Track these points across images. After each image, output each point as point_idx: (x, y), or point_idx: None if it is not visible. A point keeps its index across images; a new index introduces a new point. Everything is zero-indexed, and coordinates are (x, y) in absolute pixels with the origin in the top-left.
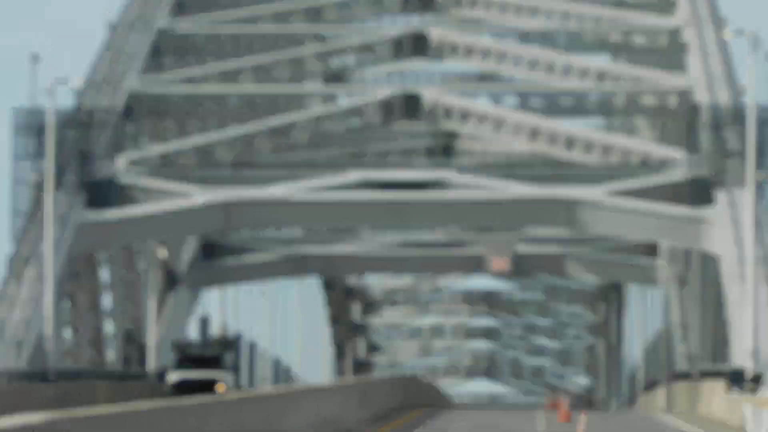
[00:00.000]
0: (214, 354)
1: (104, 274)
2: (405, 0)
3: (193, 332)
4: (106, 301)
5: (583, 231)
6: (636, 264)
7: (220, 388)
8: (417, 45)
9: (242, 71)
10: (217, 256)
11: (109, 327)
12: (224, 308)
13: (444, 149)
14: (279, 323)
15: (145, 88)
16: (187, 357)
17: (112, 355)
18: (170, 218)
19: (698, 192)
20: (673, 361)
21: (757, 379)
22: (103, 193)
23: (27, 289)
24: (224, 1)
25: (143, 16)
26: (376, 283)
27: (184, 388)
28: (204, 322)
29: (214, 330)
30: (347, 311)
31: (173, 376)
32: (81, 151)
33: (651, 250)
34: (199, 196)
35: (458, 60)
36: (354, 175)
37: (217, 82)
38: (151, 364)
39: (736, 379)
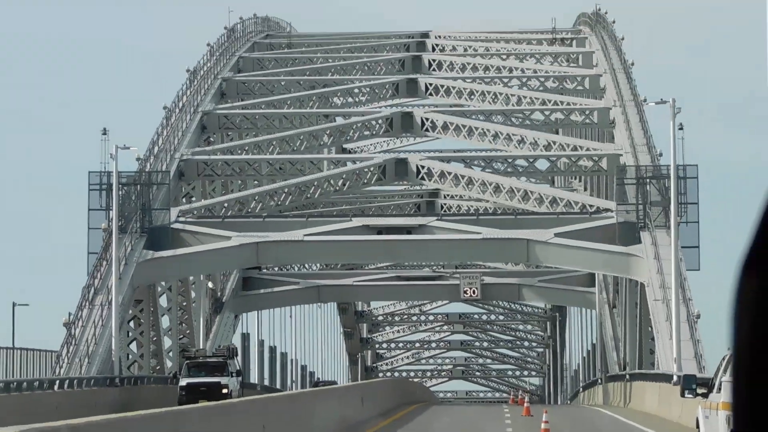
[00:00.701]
0: (218, 361)
1: (163, 301)
2: (396, 88)
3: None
4: (165, 322)
5: (537, 264)
6: (576, 291)
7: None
8: (405, 122)
9: (270, 143)
10: (254, 287)
11: (167, 343)
12: (261, 327)
13: (428, 205)
14: (307, 339)
15: (194, 156)
16: (195, 364)
17: (169, 365)
18: (212, 256)
19: (627, 234)
20: (607, 366)
21: (706, 384)
22: (159, 237)
23: (97, 312)
24: (257, 91)
25: (193, 102)
26: (379, 308)
27: (192, 391)
28: (245, 339)
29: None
30: (357, 330)
31: (183, 381)
32: (142, 205)
33: (588, 280)
34: (235, 238)
35: (437, 133)
36: (356, 222)
37: (250, 151)
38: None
39: (688, 383)
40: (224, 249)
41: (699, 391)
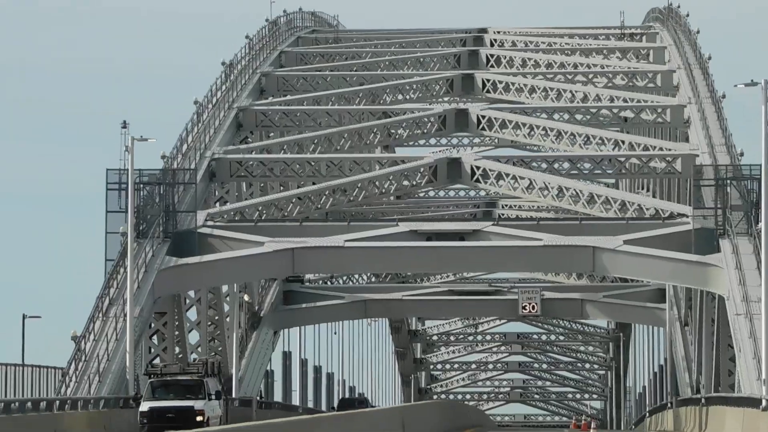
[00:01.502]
0: (192, 379)
1: (192, 314)
2: (450, 85)
3: (276, 366)
4: (193, 337)
5: (603, 275)
6: (645, 307)
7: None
8: (459, 120)
9: (312, 142)
10: (295, 301)
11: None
12: (304, 345)
13: (485, 215)
14: (355, 359)
15: (226, 155)
16: (162, 383)
17: None
18: (242, 263)
19: (704, 242)
20: (677, 389)
21: None
22: (184, 243)
23: (111, 325)
24: (299, 87)
25: (228, 98)
26: (434, 327)
27: (156, 418)
28: (286, 357)
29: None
30: (411, 349)
31: (144, 406)
32: (166, 207)
33: (657, 295)
34: (268, 244)
35: (494, 132)
36: (403, 227)
37: (290, 150)
38: (235, 393)
39: None
40: (256, 256)
41: None
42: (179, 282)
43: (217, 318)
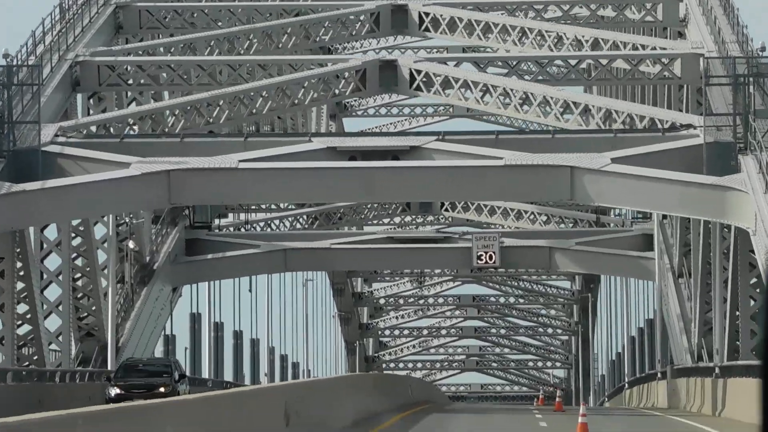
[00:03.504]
0: None
1: (52, 263)
2: None
3: (179, 330)
4: (54, 292)
5: (585, 203)
6: (627, 256)
7: None
8: (397, 19)
9: (208, 43)
10: (202, 251)
11: (55, 323)
12: (219, 305)
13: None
14: (288, 323)
15: (93, 58)
16: None
17: (55, 355)
18: (99, 191)
19: (718, 159)
20: (670, 356)
21: None
22: (25, 163)
23: None
24: None
25: None
26: (381, 289)
27: None
28: (194, 320)
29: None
30: (356, 314)
31: None
32: (1, 116)
33: (642, 242)
34: (135, 165)
35: (441, 33)
36: (318, 143)
37: (177, 53)
38: (111, 364)
39: None
40: (119, 181)
41: None
42: (15, 215)
43: (89, 269)
